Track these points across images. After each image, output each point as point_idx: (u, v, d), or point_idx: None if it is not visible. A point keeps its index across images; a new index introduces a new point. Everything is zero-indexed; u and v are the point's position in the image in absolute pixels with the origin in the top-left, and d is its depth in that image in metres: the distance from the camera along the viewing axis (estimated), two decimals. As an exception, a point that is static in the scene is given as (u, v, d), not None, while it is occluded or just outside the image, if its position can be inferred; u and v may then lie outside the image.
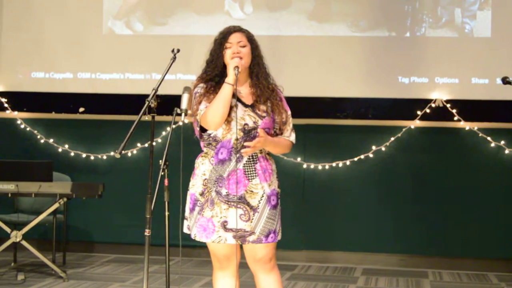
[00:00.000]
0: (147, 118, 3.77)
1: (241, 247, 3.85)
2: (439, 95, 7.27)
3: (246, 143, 3.69)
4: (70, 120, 7.96)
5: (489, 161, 7.31)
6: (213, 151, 3.78)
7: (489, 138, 7.25)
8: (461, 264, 7.33)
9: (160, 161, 3.69)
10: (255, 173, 3.73)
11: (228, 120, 3.71)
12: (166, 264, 3.83)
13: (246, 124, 3.73)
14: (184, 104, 3.74)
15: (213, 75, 3.83)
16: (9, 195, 6.32)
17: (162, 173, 3.68)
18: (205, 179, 3.77)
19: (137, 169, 7.64)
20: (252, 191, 3.72)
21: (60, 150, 7.88)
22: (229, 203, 3.70)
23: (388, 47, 7.38)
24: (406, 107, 7.39)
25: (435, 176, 7.42)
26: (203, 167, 3.80)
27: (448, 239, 7.37)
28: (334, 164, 7.45)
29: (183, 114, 3.71)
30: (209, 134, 3.79)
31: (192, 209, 3.80)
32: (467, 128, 7.29)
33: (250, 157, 3.74)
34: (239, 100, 3.76)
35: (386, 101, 7.46)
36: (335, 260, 7.51)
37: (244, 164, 3.73)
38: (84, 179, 7.36)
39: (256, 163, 3.75)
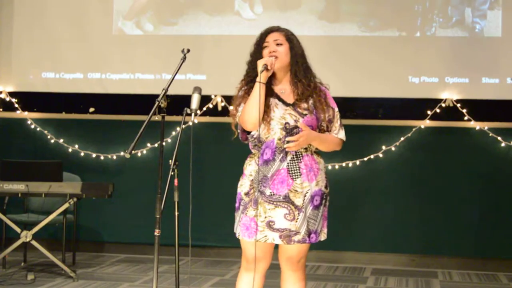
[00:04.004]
0: (157, 118, 3.77)
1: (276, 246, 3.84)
2: (449, 94, 7.26)
3: (288, 138, 3.67)
4: (80, 120, 7.98)
5: (499, 161, 7.29)
6: (259, 152, 3.78)
7: (499, 138, 7.24)
8: (471, 264, 7.31)
9: (170, 161, 3.69)
10: (299, 172, 3.71)
11: (267, 120, 3.72)
12: (175, 264, 3.83)
13: (287, 123, 3.71)
14: (194, 104, 3.75)
15: (253, 76, 3.80)
16: (19, 195, 6.33)
17: (172, 173, 3.69)
18: (252, 179, 3.77)
19: (147, 169, 7.65)
20: (296, 191, 3.70)
21: (70, 150, 7.90)
22: (274, 203, 3.69)
23: (398, 47, 7.37)
24: (416, 107, 7.38)
25: (445, 176, 7.40)
26: (250, 167, 3.80)
27: (458, 239, 7.35)
28: (343, 164, 7.45)
29: (193, 114, 3.72)
30: (253, 136, 3.80)
31: (237, 208, 3.81)
32: (477, 128, 7.28)
33: (294, 156, 3.72)
34: (280, 99, 3.76)
35: (396, 101, 7.46)
36: (344, 260, 7.51)
37: (288, 163, 3.71)
38: (94, 179, 7.36)
39: (301, 161, 3.72)
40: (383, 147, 7.42)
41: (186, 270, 6.45)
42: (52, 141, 7.94)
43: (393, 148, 7.42)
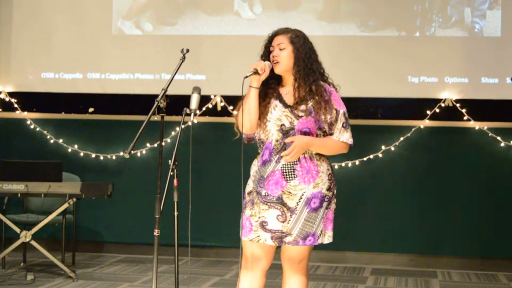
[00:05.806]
0: (156, 118, 3.78)
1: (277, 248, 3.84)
2: (449, 94, 7.26)
3: (282, 153, 3.68)
4: (80, 121, 7.97)
5: (498, 161, 7.29)
6: (261, 152, 3.80)
7: (498, 138, 7.24)
8: (470, 264, 7.31)
9: (170, 161, 3.69)
10: (293, 174, 3.69)
11: (264, 121, 3.73)
12: (175, 264, 3.83)
13: (283, 124, 3.72)
14: (193, 104, 3.75)
15: (264, 79, 3.81)
16: (19, 195, 6.33)
17: (171, 173, 3.69)
18: (254, 180, 3.79)
19: (146, 169, 7.65)
20: (290, 192, 3.68)
21: (69, 150, 7.90)
22: (267, 203, 3.69)
23: (398, 47, 7.37)
24: (415, 107, 7.38)
25: (444, 176, 7.40)
26: (254, 168, 3.83)
27: (457, 239, 7.35)
28: (343, 164, 7.44)
29: (192, 114, 3.73)
30: (256, 137, 3.83)
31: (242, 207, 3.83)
32: (476, 127, 7.28)
33: None
34: (281, 101, 3.77)
35: (396, 101, 7.46)
36: (344, 260, 7.51)
37: (283, 165, 3.70)
38: (94, 179, 7.36)
39: (296, 164, 3.70)
40: (383, 147, 7.42)
41: (185, 270, 6.46)
42: (52, 141, 7.94)
43: (392, 148, 7.42)
